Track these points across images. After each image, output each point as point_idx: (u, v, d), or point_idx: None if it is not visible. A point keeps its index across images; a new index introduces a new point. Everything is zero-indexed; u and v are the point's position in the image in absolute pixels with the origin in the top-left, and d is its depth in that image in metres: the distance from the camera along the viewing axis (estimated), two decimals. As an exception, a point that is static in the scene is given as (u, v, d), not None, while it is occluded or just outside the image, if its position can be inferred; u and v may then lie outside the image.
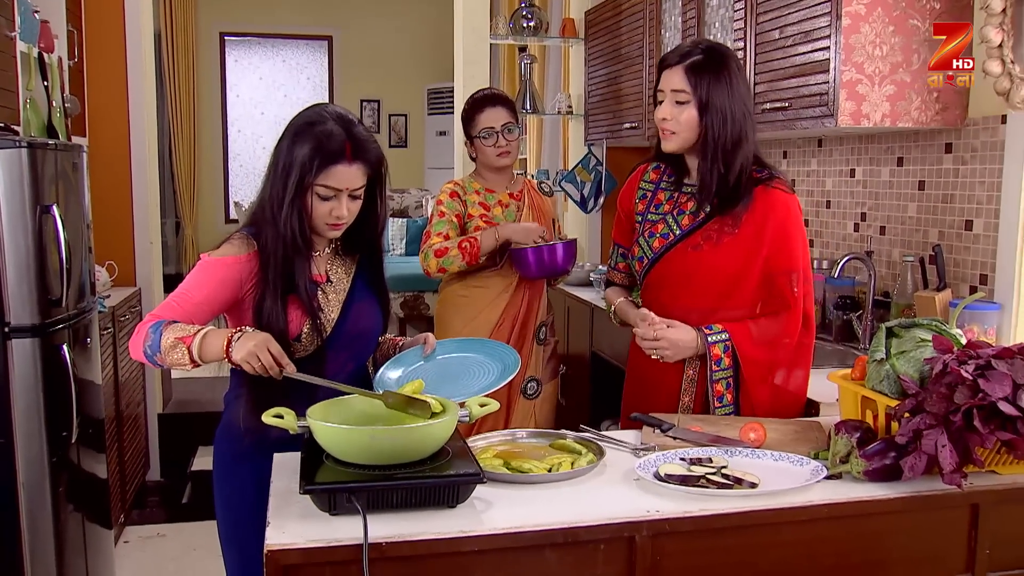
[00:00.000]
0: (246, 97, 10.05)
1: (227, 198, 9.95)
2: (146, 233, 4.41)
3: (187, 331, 1.69)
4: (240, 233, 1.86)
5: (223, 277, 1.80)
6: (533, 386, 2.97)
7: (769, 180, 2.04)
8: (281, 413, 1.57)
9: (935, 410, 1.56)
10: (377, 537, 1.37)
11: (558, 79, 5.77)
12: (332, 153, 1.75)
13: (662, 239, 2.12)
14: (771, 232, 2.02)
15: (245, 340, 1.67)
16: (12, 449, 2.40)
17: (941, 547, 1.64)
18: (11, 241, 2.36)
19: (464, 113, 2.95)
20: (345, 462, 1.51)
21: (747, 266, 2.04)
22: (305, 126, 1.78)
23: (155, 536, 3.81)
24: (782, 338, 2.03)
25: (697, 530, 1.51)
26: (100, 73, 4.33)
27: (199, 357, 1.69)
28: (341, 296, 1.91)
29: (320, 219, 1.80)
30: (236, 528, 1.93)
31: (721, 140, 1.99)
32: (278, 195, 1.77)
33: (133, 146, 4.37)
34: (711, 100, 1.98)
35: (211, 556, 3.60)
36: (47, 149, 2.49)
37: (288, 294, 1.80)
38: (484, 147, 2.90)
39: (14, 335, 2.40)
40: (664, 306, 2.12)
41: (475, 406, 1.66)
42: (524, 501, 1.54)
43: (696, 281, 2.08)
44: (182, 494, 4.27)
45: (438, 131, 9.64)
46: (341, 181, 1.77)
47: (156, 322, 1.73)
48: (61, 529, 2.52)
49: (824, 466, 1.68)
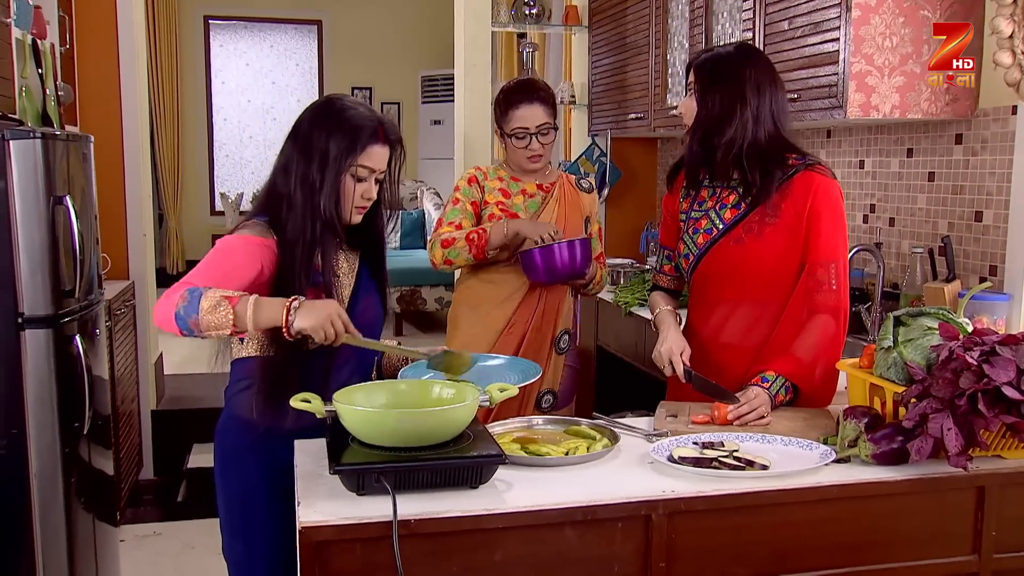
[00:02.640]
0: (232, 84, 10.16)
1: (212, 189, 10.04)
2: (139, 225, 4.52)
3: (232, 294, 1.73)
4: (255, 220, 1.95)
5: (251, 254, 1.88)
6: (548, 399, 2.87)
7: (811, 164, 2.18)
8: (308, 398, 1.70)
9: (941, 395, 1.70)
10: (405, 515, 1.51)
11: (559, 68, 5.89)
12: (371, 134, 1.93)
13: (706, 235, 2.24)
14: (811, 215, 2.14)
15: (312, 307, 1.74)
16: (25, 439, 2.53)
17: (948, 528, 1.78)
18: (25, 232, 2.49)
19: (497, 104, 2.84)
20: (371, 444, 1.64)
21: (790, 252, 2.16)
22: (334, 112, 1.94)
23: (151, 535, 3.93)
24: (824, 348, 2.14)
25: (710, 509, 1.65)
26: (92, 59, 4.43)
27: (251, 320, 1.71)
28: (348, 291, 2.03)
29: (350, 203, 1.95)
30: (244, 520, 2.04)
31: (706, 119, 2.15)
32: (313, 181, 1.90)
33: (126, 134, 4.48)
34: (706, 88, 2.16)
35: (210, 554, 3.74)
36: (58, 140, 2.61)
37: (313, 285, 1.91)
38: (515, 147, 2.79)
39: (28, 325, 2.53)
40: (711, 301, 2.25)
41: (495, 391, 1.79)
42: (543, 482, 1.68)
43: (740, 274, 2.20)
44: (176, 492, 4.39)
45: (433, 120, 9.76)
46: (376, 161, 1.95)
47: (193, 287, 1.76)
48: (72, 522, 2.65)
49: (833, 450, 1.81)
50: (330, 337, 1.76)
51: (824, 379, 2.18)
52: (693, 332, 2.30)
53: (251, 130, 10.22)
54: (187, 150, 9.79)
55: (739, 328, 2.23)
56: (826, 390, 2.21)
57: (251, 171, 10.14)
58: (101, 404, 3.04)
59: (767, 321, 2.21)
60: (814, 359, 2.14)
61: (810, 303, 2.17)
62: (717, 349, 2.26)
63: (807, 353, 2.14)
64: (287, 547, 1.96)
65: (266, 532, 2.01)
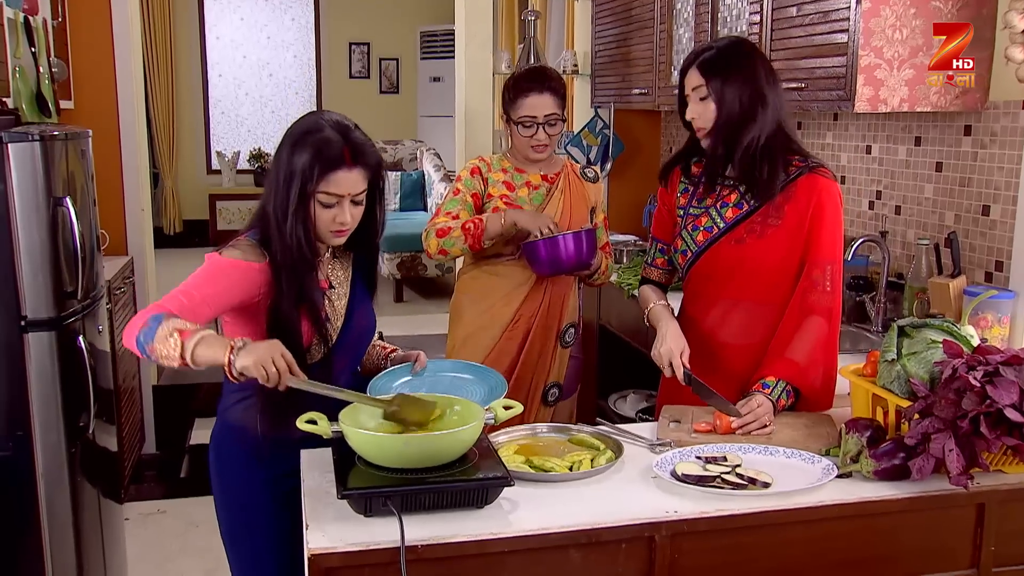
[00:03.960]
0: (227, 39, 10.08)
1: (208, 147, 10.02)
2: (137, 200, 4.53)
3: (186, 327, 1.74)
4: (247, 239, 1.94)
5: (236, 280, 1.89)
6: (554, 392, 2.89)
7: (815, 167, 2.20)
8: (314, 419, 1.73)
9: (944, 415, 1.73)
10: (413, 540, 1.55)
11: (561, 36, 5.84)
12: (331, 159, 1.86)
13: (706, 232, 2.26)
14: (814, 217, 2.17)
15: (252, 347, 1.73)
16: (31, 442, 2.57)
17: (948, 543, 1.83)
18: (26, 235, 2.50)
19: (506, 90, 2.81)
20: (376, 465, 1.68)
21: (791, 254, 2.19)
22: (302, 135, 1.90)
23: (155, 512, 4.00)
24: (820, 348, 2.18)
25: (713, 530, 1.69)
26: (85, 32, 4.39)
27: (191, 357, 1.72)
28: (344, 301, 2.04)
29: (324, 227, 1.92)
30: (245, 530, 2.09)
31: (728, 119, 2.14)
32: (282, 205, 1.88)
33: (121, 108, 4.46)
34: (724, 87, 2.14)
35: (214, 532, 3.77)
36: (56, 140, 2.62)
37: (300, 304, 1.92)
38: (520, 136, 2.77)
39: (31, 328, 2.56)
40: (710, 298, 2.28)
41: (500, 409, 1.82)
42: (547, 500, 1.72)
43: (741, 274, 2.23)
44: (179, 468, 4.46)
45: (432, 77, 9.70)
46: (342, 187, 1.88)
47: (158, 313, 1.78)
48: (79, 517, 2.71)
49: (835, 464, 1.85)
50: (272, 377, 1.71)
51: (823, 381, 2.23)
52: (691, 325, 2.33)
53: (247, 86, 10.16)
54: (182, 107, 9.74)
55: (737, 327, 2.27)
56: (826, 391, 2.25)
57: (247, 129, 10.10)
58: (105, 382, 3.08)
59: (766, 321, 2.24)
60: (812, 362, 2.19)
61: (804, 303, 2.21)
62: (716, 346, 2.29)
63: (804, 356, 2.18)
64: (288, 552, 2.02)
65: (267, 537, 2.06)
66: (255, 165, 9.81)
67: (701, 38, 3.53)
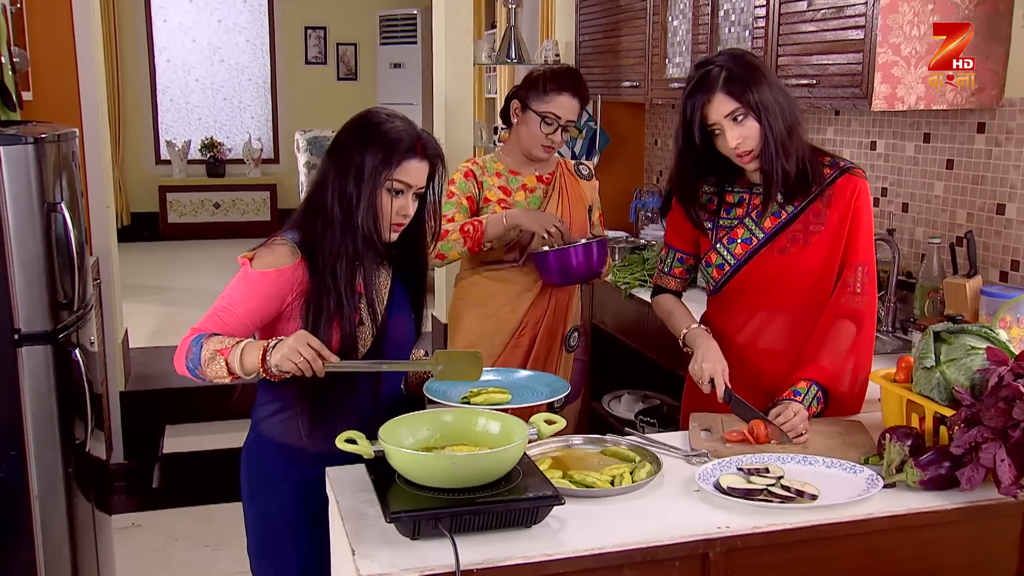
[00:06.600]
0: (175, 22, 9.89)
1: (157, 136, 9.83)
2: (101, 197, 4.44)
3: (225, 343, 1.86)
4: (282, 239, 1.98)
5: (268, 290, 1.95)
6: (561, 398, 2.93)
7: (849, 168, 2.22)
8: (354, 438, 1.72)
9: (993, 424, 1.77)
10: (466, 564, 1.54)
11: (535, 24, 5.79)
12: (406, 149, 1.95)
13: (745, 244, 2.26)
14: (854, 219, 2.20)
15: (281, 343, 1.83)
16: (25, 462, 2.50)
17: (993, 554, 1.87)
18: (19, 243, 2.44)
19: (538, 82, 2.78)
20: (417, 484, 1.67)
21: (833, 257, 2.22)
22: (371, 126, 1.97)
23: (130, 527, 3.93)
24: (850, 353, 2.21)
25: (765, 545, 1.71)
26: (44, 17, 4.28)
27: (240, 368, 1.84)
28: (381, 307, 2.05)
29: (387, 218, 1.97)
30: (275, 544, 2.09)
31: (779, 133, 2.14)
32: (351, 196, 1.93)
33: (84, 100, 4.36)
34: (759, 99, 2.13)
35: (196, 546, 3.77)
36: (47, 142, 2.55)
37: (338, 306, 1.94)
38: (536, 130, 2.77)
39: (25, 343, 2.49)
40: (750, 307, 2.29)
41: (542, 424, 1.82)
42: (594, 516, 1.72)
43: (785, 283, 2.25)
44: (151, 478, 4.39)
45: (392, 63, 9.60)
46: (413, 177, 1.97)
47: (197, 335, 1.89)
48: (75, 536, 2.65)
49: (878, 474, 1.88)
50: (304, 367, 1.80)
51: (852, 385, 2.26)
52: (724, 338, 2.33)
53: (197, 72, 9.98)
54: (128, 93, 9.54)
55: (781, 334, 2.29)
56: (857, 395, 2.28)
57: (197, 117, 9.92)
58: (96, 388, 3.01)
59: (808, 326, 2.27)
60: (841, 365, 2.21)
61: (836, 305, 2.23)
62: (756, 355, 2.31)
63: (834, 360, 2.21)
64: (316, 569, 2.01)
65: (296, 553, 2.07)
66: (207, 155, 9.66)
67: (700, 31, 3.54)
